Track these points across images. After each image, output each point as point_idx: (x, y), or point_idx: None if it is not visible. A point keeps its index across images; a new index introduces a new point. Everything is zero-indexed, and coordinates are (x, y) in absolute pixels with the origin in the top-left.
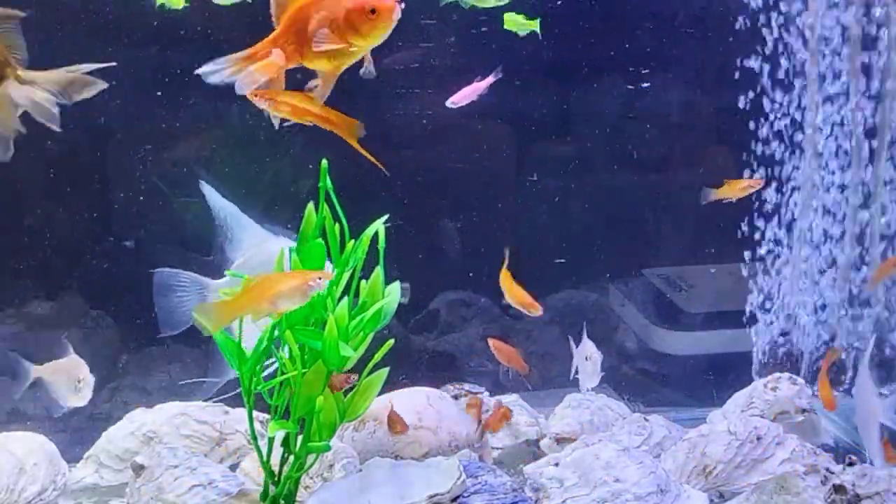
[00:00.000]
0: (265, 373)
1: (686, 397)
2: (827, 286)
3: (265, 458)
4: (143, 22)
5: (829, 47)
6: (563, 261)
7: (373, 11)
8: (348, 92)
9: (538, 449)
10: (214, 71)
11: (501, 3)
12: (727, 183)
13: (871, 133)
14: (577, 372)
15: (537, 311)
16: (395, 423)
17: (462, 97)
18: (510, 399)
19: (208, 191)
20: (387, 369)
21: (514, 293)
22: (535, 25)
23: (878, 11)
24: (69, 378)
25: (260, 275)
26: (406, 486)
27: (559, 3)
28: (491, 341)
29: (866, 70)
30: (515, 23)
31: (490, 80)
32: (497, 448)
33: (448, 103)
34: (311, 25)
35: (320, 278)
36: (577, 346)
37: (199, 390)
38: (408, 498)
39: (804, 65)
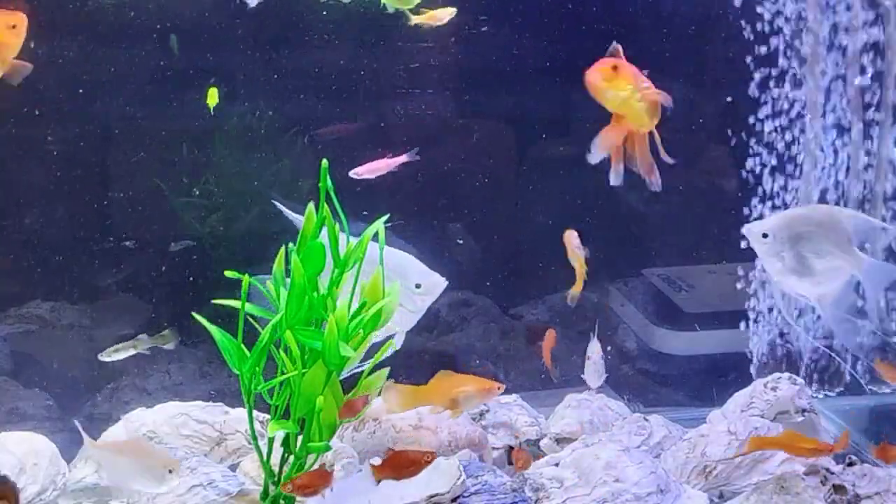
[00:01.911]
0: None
1: (686, 397)
2: None
3: (265, 458)
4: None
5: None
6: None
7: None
8: (349, 92)
9: (538, 449)
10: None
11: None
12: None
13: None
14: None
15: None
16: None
17: (367, 170)
18: (510, 399)
19: (281, 207)
20: (387, 369)
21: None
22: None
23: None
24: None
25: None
26: (406, 486)
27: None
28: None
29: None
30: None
31: (402, 159)
32: (497, 448)
33: (351, 173)
34: None
35: (499, 388)
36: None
37: None
38: (408, 498)
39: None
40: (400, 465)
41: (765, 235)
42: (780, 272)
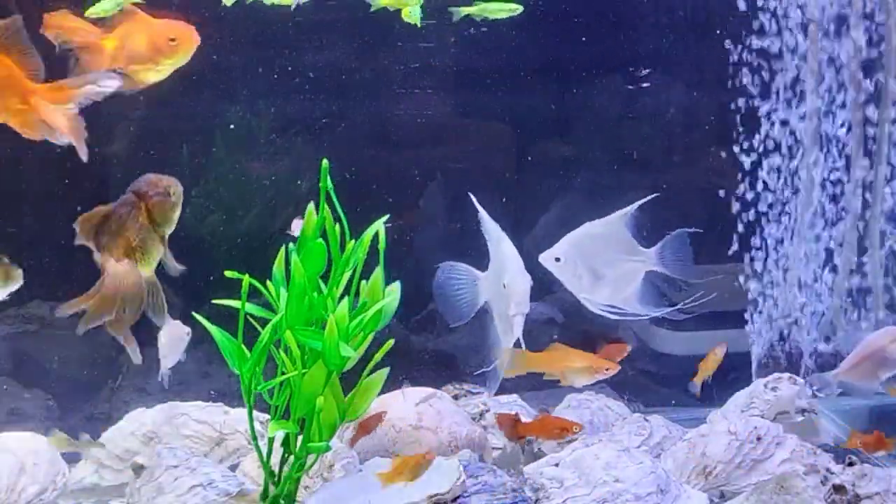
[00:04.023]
0: None
1: (686, 397)
2: (826, 286)
3: (265, 458)
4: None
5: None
6: None
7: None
8: (347, 92)
9: (538, 449)
10: None
11: (514, 13)
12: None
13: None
14: None
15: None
16: (368, 426)
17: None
18: (510, 399)
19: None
20: (387, 369)
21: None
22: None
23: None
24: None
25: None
26: (406, 486)
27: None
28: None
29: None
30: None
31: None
32: (497, 448)
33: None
34: None
35: (608, 369)
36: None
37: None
38: (408, 498)
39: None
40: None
41: (557, 259)
42: (581, 290)
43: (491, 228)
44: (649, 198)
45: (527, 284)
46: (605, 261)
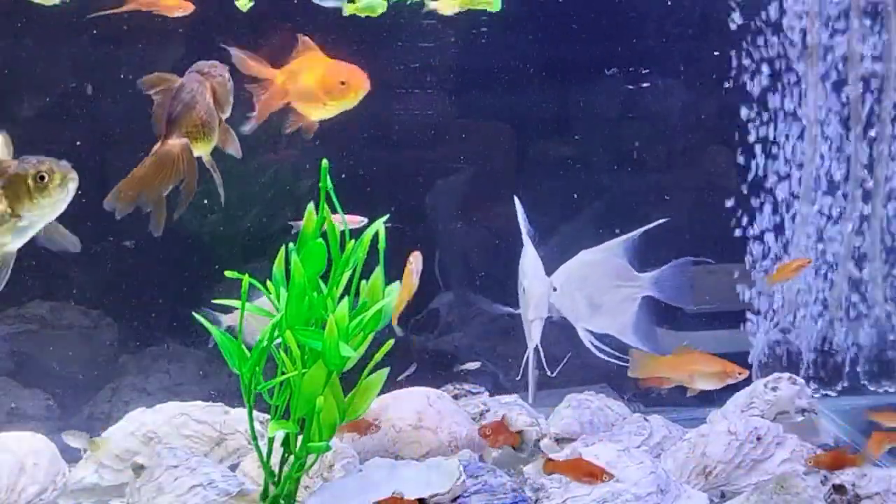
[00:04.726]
0: None
1: (686, 397)
2: (826, 286)
3: (265, 458)
4: None
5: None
6: None
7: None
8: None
9: (538, 449)
10: None
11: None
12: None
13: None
14: None
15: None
16: (363, 427)
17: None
18: (510, 399)
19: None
20: (387, 369)
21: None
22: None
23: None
24: None
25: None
26: (406, 487)
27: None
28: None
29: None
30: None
31: (354, 219)
32: (497, 448)
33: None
34: None
35: (739, 373)
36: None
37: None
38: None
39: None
40: None
41: (554, 289)
42: (579, 318)
43: (523, 233)
44: (652, 225)
45: (544, 288)
46: (602, 288)
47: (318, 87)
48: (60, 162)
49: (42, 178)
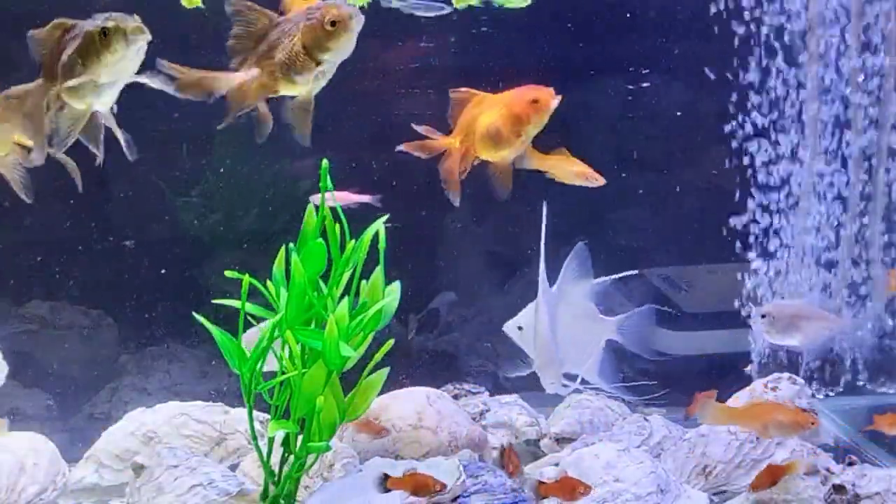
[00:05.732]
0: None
1: (686, 397)
2: (826, 285)
3: (265, 458)
4: None
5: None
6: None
7: (534, 101)
8: (347, 92)
9: (538, 449)
10: None
11: (523, 5)
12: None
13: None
14: None
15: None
16: (370, 429)
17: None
18: (510, 399)
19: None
20: (387, 369)
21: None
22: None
23: None
24: None
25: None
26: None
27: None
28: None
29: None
30: None
31: (364, 198)
32: (497, 448)
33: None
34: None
35: (813, 423)
36: None
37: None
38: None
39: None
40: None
41: (520, 328)
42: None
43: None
44: (623, 274)
45: (512, 332)
46: (568, 329)
47: (509, 119)
48: (128, 17)
49: (105, 33)
